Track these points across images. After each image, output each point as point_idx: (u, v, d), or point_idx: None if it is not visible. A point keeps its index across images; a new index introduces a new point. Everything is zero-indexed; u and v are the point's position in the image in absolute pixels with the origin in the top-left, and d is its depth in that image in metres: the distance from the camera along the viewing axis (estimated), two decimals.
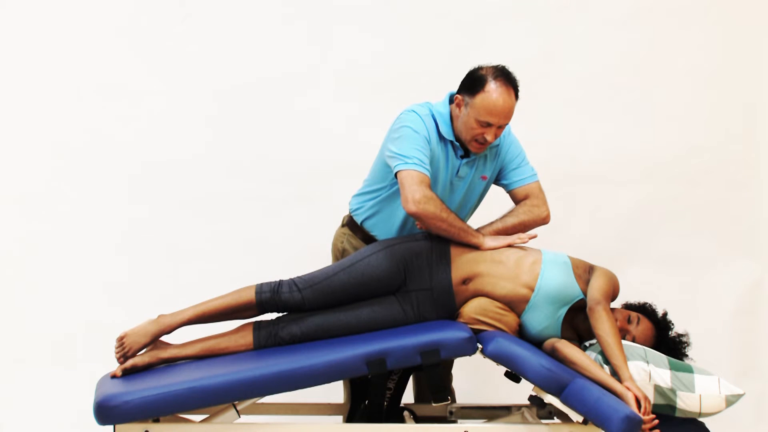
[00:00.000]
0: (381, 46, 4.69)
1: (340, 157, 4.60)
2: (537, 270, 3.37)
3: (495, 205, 3.70)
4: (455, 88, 3.51)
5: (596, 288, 3.32)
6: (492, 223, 3.57)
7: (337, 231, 3.80)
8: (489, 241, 3.45)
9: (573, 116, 4.74)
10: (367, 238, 3.67)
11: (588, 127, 4.75)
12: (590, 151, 4.74)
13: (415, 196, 3.34)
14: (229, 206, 4.65)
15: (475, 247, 3.44)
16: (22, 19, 4.59)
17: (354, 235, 3.71)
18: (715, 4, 4.78)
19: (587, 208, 4.75)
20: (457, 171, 3.54)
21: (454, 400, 3.86)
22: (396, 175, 3.43)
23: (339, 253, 3.74)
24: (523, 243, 3.46)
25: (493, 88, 3.37)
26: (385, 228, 3.63)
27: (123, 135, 4.63)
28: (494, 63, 3.45)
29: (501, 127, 3.44)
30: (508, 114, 3.41)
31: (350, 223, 3.74)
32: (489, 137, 3.41)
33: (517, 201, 3.64)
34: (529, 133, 3.93)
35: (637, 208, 4.77)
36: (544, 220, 3.62)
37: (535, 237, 3.48)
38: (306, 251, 4.37)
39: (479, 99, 3.38)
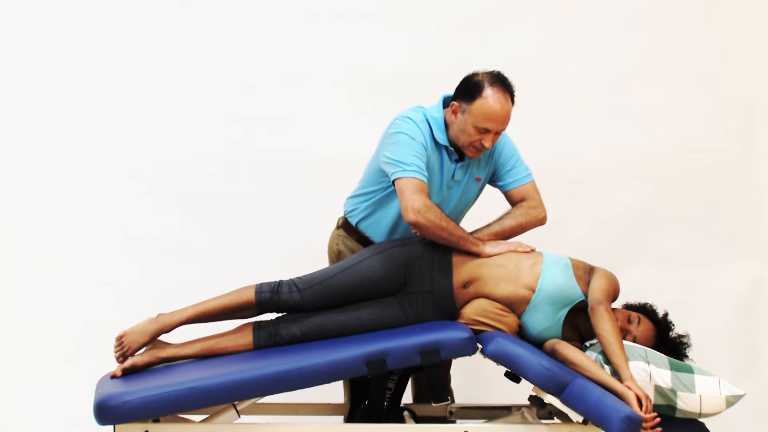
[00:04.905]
0: (381, 46, 4.69)
1: (340, 158, 4.60)
2: (538, 271, 3.37)
3: (489, 209, 3.70)
4: (453, 90, 3.49)
5: (597, 288, 3.32)
6: (489, 225, 3.57)
7: (333, 233, 3.79)
8: (489, 249, 3.44)
9: (573, 117, 4.74)
10: (363, 240, 3.67)
11: (588, 128, 4.74)
12: (590, 151, 4.74)
13: (415, 205, 3.33)
14: (229, 206, 4.65)
15: (476, 255, 3.44)
16: (30, 18, 4.59)
17: (349, 237, 3.71)
18: (715, 4, 4.78)
19: (587, 208, 4.74)
20: (452, 175, 3.53)
21: (453, 400, 3.86)
22: (394, 182, 3.42)
23: (335, 255, 3.74)
24: (524, 252, 3.45)
25: (491, 95, 3.36)
26: (378, 229, 3.63)
27: (123, 135, 4.63)
28: (489, 69, 3.43)
29: (498, 133, 3.43)
30: (505, 120, 3.40)
31: (345, 225, 3.73)
32: (487, 143, 3.41)
33: (513, 202, 3.63)
34: (529, 133, 3.93)
35: (637, 208, 4.76)
36: (541, 222, 3.62)
37: (533, 250, 3.48)
38: (306, 251, 4.36)
39: (477, 106, 3.37)
